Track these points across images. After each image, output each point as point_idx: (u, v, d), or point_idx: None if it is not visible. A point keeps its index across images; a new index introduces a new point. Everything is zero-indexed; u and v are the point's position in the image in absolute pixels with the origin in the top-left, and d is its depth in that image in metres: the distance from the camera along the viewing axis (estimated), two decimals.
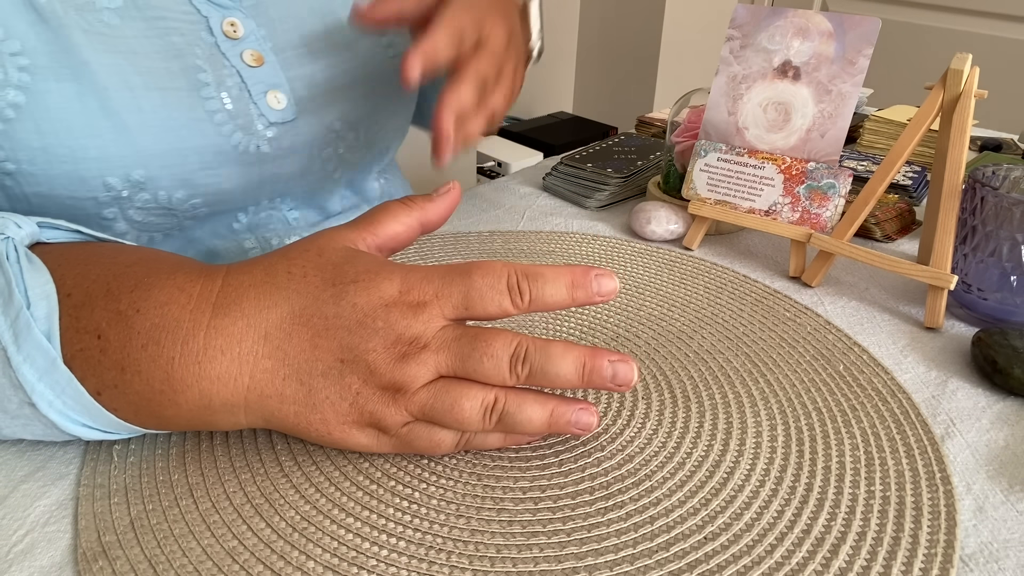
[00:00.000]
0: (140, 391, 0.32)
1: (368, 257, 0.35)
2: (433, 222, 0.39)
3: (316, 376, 0.32)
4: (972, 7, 1.86)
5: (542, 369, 0.33)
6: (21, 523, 0.32)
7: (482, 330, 0.33)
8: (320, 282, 0.33)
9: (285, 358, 0.32)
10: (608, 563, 0.31)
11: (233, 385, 0.32)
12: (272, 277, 0.33)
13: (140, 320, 0.32)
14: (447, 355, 0.32)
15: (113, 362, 0.32)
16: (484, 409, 0.33)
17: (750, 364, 0.45)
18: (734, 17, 0.59)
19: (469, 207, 0.68)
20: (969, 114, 0.50)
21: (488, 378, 0.33)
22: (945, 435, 0.40)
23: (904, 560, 0.31)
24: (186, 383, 0.32)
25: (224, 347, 0.32)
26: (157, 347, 0.31)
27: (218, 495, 0.34)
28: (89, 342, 0.32)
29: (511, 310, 0.33)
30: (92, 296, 0.32)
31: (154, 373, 0.32)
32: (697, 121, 0.63)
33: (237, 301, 0.33)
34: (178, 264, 0.35)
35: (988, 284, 0.49)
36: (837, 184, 0.55)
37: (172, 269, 0.34)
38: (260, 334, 0.32)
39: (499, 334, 0.33)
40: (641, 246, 0.60)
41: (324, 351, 0.32)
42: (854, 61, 0.55)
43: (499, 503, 0.34)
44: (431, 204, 0.39)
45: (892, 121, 0.85)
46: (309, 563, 0.30)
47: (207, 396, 0.32)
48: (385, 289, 0.33)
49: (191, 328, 0.32)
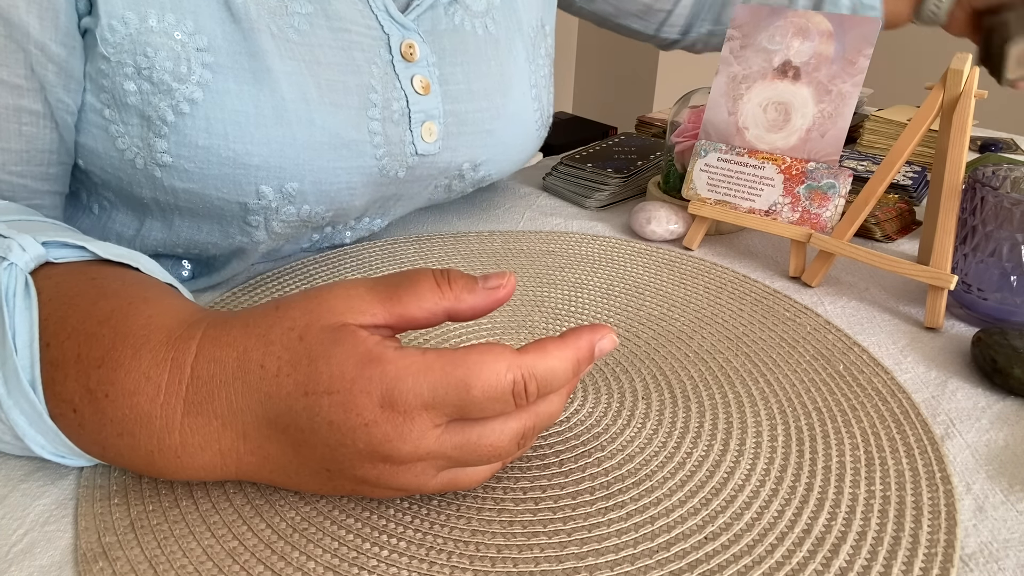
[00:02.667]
0: (126, 466, 0.32)
1: (350, 350, 0.28)
2: (464, 316, 0.31)
3: (304, 475, 0.31)
4: None
5: (544, 402, 0.31)
6: (21, 523, 0.32)
7: (486, 432, 0.29)
8: (293, 388, 0.28)
9: (267, 457, 0.30)
10: (609, 563, 0.31)
11: (220, 472, 0.31)
12: (244, 372, 0.29)
13: (111, 407, 0.30)
14: (447, 461, 0.30)
15: (92, 440, 0.31)
16: (493, 472, 0.33)
17: (750, 364, 0.45)
18: (734, 17, 0.59)
19: (469, 207, 0.68)
20: (969, 114, 0.50)
21: (497, 459, 0.31)
22: (945, 435, 0.39)
23: (904, 560, 0.31)
24: (170, 471, 0.31)
25: (203, 444, 0.30)
26: (133, 439, 0.30)
27: (218, 496, 0.34)
28: (67, 411, 0.31)
29: (511, 412, 0.29)
30: (65, 359, 0.31)
31: (135, 461, 0.31)
32: (697, 121, 0.63)
33: (208, 400, 0.30)
34: (147, 330, 0.31)
35: (988, 284, 0.49)
36: (837, 184, 0.55)
37: (139, 343, 0.30)
38: (238, 433, 0.30)
39: (504, 430, 0.30)
40: (641, 246, 0.60)
41: (308, 459, 0.30)
42: (854, 61, 0.55)
43: (500, 503, 0.34)
44: (470, 296, 0.31)
45: (892, 121, 0.85)
46: (309, 563, 0.30)
47: (188, 475, 0.31)
48: (363, 406, 0.28)
49: (164, 425, 0.30)
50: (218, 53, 0.42)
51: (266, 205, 0.46)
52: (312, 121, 0.45)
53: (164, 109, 0.42)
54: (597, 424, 0.39)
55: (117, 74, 0.41)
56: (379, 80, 0.48)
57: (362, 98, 0.47)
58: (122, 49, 0.40)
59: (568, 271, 0.56)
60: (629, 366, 0.44)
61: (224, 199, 0.45)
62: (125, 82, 0.41)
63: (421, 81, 0.50)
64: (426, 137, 0.51)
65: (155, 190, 0.45)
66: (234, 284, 0.52)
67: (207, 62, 0.42)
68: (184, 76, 0.41)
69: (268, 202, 0.46)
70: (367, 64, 0.47)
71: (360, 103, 0.47)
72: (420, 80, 0.50)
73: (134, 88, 0.41)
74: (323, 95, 0.45)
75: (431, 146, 0.52)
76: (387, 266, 0.56)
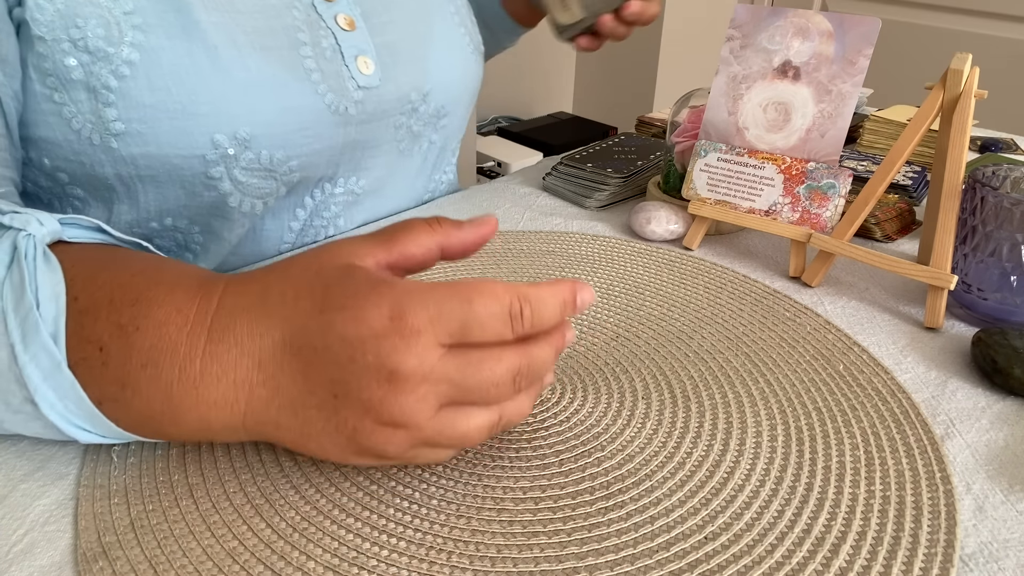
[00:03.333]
0: (141, 410, 0.32)
1: (362, 277, 0.31)
2: (456, 250, 0.35)
3: (311, 409, 0.31)
4: (972, 7, 1.86)
5: (539, 332, 0.32)
6: (21, 523, 0.32)
7: (485, 356, 0.30)
8: (310, 308, 0.31)
9: (279, 388, 0.31)
10: (609, 563, 0.31)
11: (230, 410, 0.32)
12: (265, 300, 0.32)
13: (140, 338, 0.32)
14: (448, 387, 0.30)
15: (114, 376, 0.32)
16: (489, 428, 0.32)
17: (750, 364, 0.45)
18: (734, 17, 0.59)
19: (469, 207, 0.68)
20: (969, 114, 0.50)
21: (493, 399, 0.31)
22: (945, 435, 0.40)
23: (904, 560, 0.31)
24: (185, 407, 0.32)
25: (220, 374, 0.31)
26: (156, 369, 0.31)
27: (218, 495, 0.34)
28: (91, 352, 0.32)
29: (508, 337, 0.31)
30: (97, 304, 0.32)
31: (154, 395, 0.32)
32: (697, 121, 0.63)
33: (231, 327, 0.32)
34: (179, 277, 0.34)
35: (988, 284, 0.49)
36: (837, 184, 0.55)
37: (172, 284, 0.33)
38: (254, 362, 0.31)
39: (501, 358, 0.31)
40: (641, 246, 0.60)
41: (316, 384, 0.31)
42: (854, 61, 0.55)
43: (500, 503, 0.34)
44: (457, 231, 0.35)
45: (892, 121, 0.85)
46: (309, 563, 0.30)
47: (206, 420, 0.32)
48: (373, 318, 0.29)
49: (187, 353, 0.31)
50: (145, 13, 0.44)
51: (223, 154, 0.48)
52: (247, 66, 0.47)
53: (106, 76, 0.44)
54: (597, 424, 0.39)
55: (55, 52, 0.43)
56: (303, 21, 0.50)
57: (290, 38, 0.49)
58: (54, 26, 0.43)
59: (568, 271, 0.56)
60: (629, 366, 0.44)
61: (181, 155, 0.47)
62: (65, 59, 0.43)
63: (345, 19, 0.53)
64: (363, 69, 0.54)
65: (116, 164, 0.46)
66: None
67: (136, 24, 0.44)
68: (117, 40, 0.43)
69: (224, 150, 0.48)
70: (287, 8, 0.50)
71: (289, 43, 0.49)
72: (344, 18, 0.53)
73: (75, 63, 0.43)
74: (251, 39, 0.47)
75: (371, 78, 0.55)
76: None
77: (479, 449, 0.37)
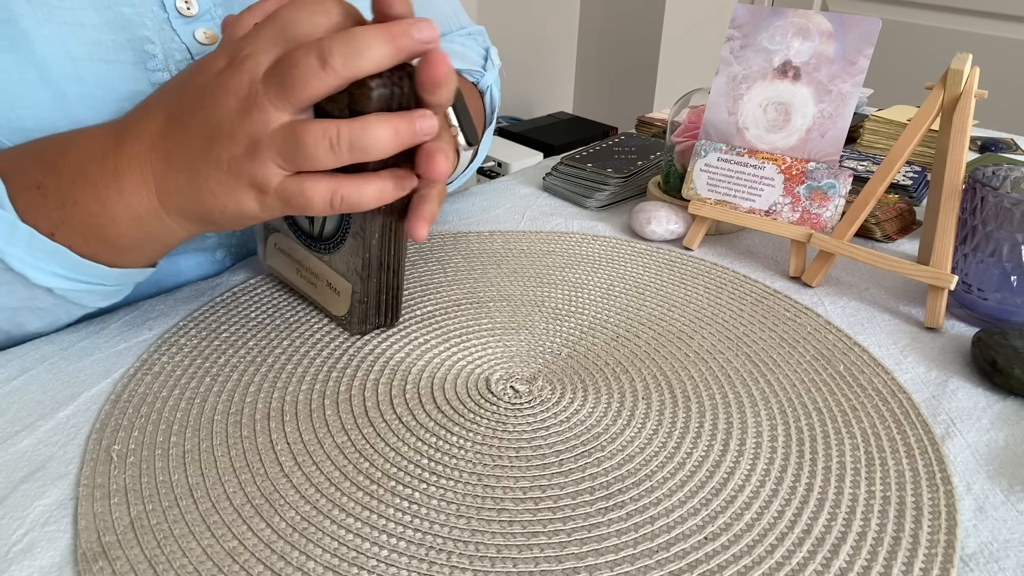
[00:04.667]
0: (82, 219, 0.38)
1: (224, 40, 0.38)
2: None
3: (194, 160, 0.36)
4: (972, 7, 1.86)
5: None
6: (21, 523, 0.32)
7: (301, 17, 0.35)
8: (178, 82, 0.38)
9: (169, 155, 0.37)
10: (609, 563, 0.31)
11: (145, 190, 0.38)
12: (154, 95, 0.39)
13: (65, 160, 0.38)
14: (276, 35, 0.35)
15: (55, 201, 0.38)
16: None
17: (750, 364, 0.45)
18: (734, 17, 0.59)
19: (469, 207, 0.68)
20: (969, 114, 0.50)
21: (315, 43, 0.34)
22: (945, 435, 0.39)
23: (904, 560, 0.31)
24: (112, 200, 0.38)
25: (128, 164, 0.38)
26: (84, 177, 0.38)
27: (218, 495, 0.34)
28: (32, 194, 0.38)
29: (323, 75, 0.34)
30: (24, 162, 0.39)
31: (87, 199, 0.38)
32: (697, 121, 0.63)
33: (129, 125, 0.38)
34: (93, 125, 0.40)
35: (988, 284, 0.49)
36: (837, 184, 0.55)
37: (89, 128, 0.40)
38: (148, 145, 0.38)
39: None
40: (641, 246, 0.60)
41: (193, 136, 0.36)
42: (854, 61, 0.55)
43: (499, 503, 0.34)
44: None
45: (892, 121, 0.85)
46: (309, 563, 0.30)
47: (131, 207, 0.38)
48: (218, 61, 0.36)
49: (103, 154, 0.38)
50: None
51: None
52: (82, 79, 0.44)
53: None
54: (597, 424, 0.39)
55: None
56: (155, 33, 0.47)
57: (137, 51, 0.47)
58: None
59: (568, 271, 0.56)
60: (629, 366, 0.44)
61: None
62: None
63: (206, 33, 0.50)
64: None
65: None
66: (215, 295, 0.52)
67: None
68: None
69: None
70: (138, 18, 0.47)
71: (136, 57, 0.46)
72: (204, 32, 0.50)
73: None
74: (91, 52, 0.45)
75: None
76: None
77: (479, 449, 0.37)
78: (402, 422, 0.39)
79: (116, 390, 0.41)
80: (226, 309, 0.49)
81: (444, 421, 0.39)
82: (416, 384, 0.42)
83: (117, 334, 0.46)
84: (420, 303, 0.51)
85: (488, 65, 0.69)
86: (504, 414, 0.40)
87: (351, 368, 0.43)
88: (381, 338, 0.46)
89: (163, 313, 0.48)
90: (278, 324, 0.47)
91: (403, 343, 0.46)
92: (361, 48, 0.34)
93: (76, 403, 0.40)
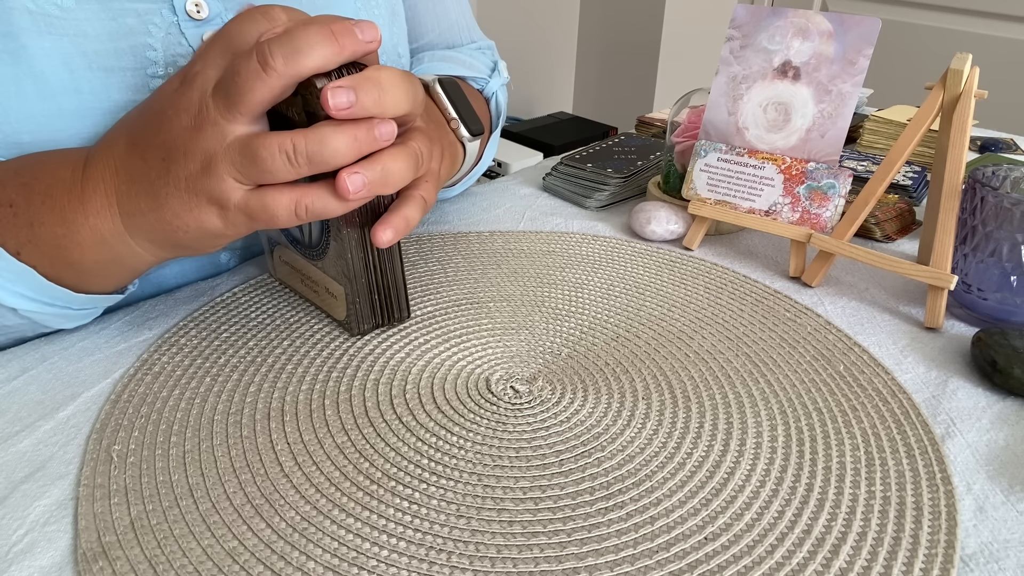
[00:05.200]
0: (48, 240, 0.38)
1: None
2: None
3: (154, 181, 0.36)
4: (972, 7, 1.86)
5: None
6: (21, 523, 0.32)
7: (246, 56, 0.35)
8: (141, 106, 0.39)
9: (131, 179, 0.37)
10: (609, 563, 0.31)
11: (109, 213, 0.38)
12: (121, 119, 0.40)
13: (39, 184, 0.39)
14: (222, 66, 0.35)
15: (24, 220, 0.38)
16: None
17: (750, 364, 0.45)
18: (734, 17, 0.59)
19: (469, 207, 0.68)
20: (969, 114, 0.50)
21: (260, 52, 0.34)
22: (945, 435, 0.39)
23: (904, 560, 0.31)
24: (77, 222, 0.38)
25: (94, 188, 0.38)
26: (52, 200, 0.38)
27: (218, 495, 0.34)
28: (4, 211, 0.38)
29: (265, 79, 0.34)
30: (2, 179, 0.39)
31: (54, 220, 0.38)
32: (697, 121, 0.63)
33: (97, 149, 0.39)
34: (64, 151, 0.41)
35: (988, 284, 0.49)
36: (837, 184, 0.55)
37: (62, 152, 0.41)
38: (112, 170, 0.38)
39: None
40: (641, 246, 0.60)
41: (151, 158, 0.36)
42: (854, 61, 0.55)
43: (499, 503, 0.34)
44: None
45: (892, 121, 0.85)
46: (309, 563, 0.30)
47: (96, 230, 0.38)
48: (173, 83, 0.37)
49: (72, 177, 0.38)
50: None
51: None
52: (79, 90, 0.44)
53: None
54: (597, 424, 0.39)
55: None
56: (160, 40, 0.47)
57: (138, 57, 0.46)
58: None
59: (568, 271, 0.56)
60: (629, 366, 0.44)
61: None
62: None
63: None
64: None
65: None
66: (215, 295, 0.52)
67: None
68: None
69: None
70: (142, 25, 0.46)
71: (136, 63, 0.46)
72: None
73: None
74: (90, 62, 0.44)
75: None
76: None
77: (479, 449, 0.37)
78: (402, 422, 0.39)
79: (116, 390, 0.41)
80: (226, 309, 0.49)
81: (444, 421, 0.39)
82: (416, 384, 0.42)
83: (117, 334, 0.46)
84: (420, 303, 0.51)
85: (495, 75, 0.69)
86: (504, 414, 0.40)
87: (351, 368, 0.43)
88: (381, 338, 0.46)
89: (163, 313, 0.48)
90: (278, 324, 0.47)
91: (403, 343, 0.46)
92: (301, 47, 0.33)
93: (76, 403, 0.40)
